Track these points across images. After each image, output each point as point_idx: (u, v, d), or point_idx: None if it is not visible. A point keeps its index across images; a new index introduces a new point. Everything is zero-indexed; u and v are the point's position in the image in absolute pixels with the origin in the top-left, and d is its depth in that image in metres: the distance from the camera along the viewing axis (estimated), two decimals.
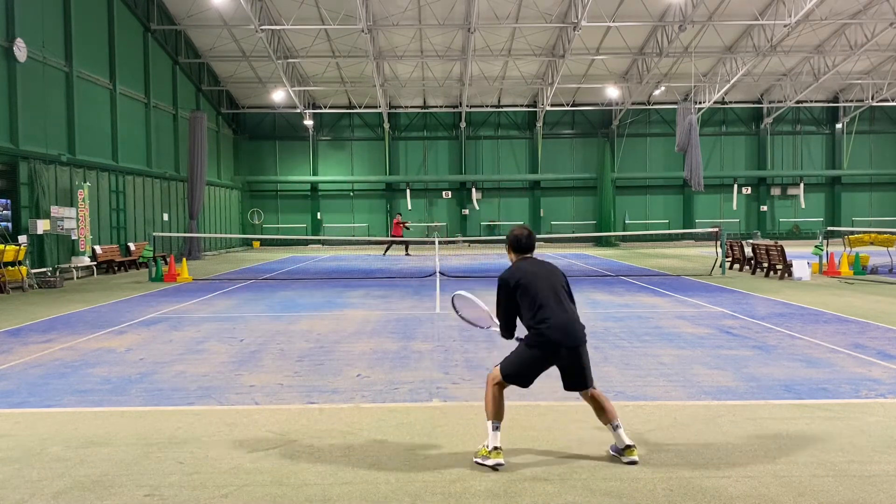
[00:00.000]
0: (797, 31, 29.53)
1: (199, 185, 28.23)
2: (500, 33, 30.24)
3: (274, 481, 4.48)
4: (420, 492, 4.29)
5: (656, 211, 40.39)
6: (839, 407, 6.06)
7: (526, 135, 39.89)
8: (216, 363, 8.12)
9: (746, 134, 40.32)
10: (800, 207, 40.27)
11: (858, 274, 18.09)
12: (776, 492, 4.24)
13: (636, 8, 27.96)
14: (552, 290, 4.78)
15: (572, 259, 27.03)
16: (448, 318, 11.43)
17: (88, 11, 22.22)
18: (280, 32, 29.65)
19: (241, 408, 6.23)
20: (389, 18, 28.15)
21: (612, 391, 6.65)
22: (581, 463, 4.75)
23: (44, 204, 18.72)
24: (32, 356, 8.63)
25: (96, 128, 22.68)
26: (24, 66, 18.40)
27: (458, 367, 7.78)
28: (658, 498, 4.17)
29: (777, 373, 7.35)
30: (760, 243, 19.65)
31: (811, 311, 11.90)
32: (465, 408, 6.13)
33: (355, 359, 8.30)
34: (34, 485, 4.48)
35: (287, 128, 39.24)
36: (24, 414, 6.15)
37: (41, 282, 17.36)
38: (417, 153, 39.79)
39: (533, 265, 4.92)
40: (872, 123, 39.81)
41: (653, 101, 38.53)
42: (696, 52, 31.87)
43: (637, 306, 12.73)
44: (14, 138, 18.07)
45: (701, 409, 6.02)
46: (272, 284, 17.75)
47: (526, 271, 4.83)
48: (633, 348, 8.71)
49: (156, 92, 27.51)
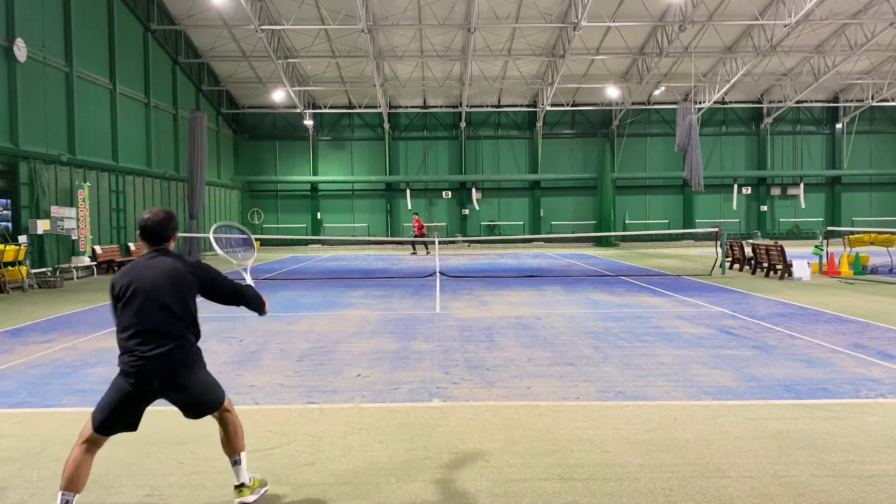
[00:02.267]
0: (797, 31, 29.52)
1: (199, 185, 28.20)
2: (500, 33, 30.24)
3: (274, 481, 4.48)
4: (420, 492, 4.29)
5: (656, 211, 40.38)
6: (839, 407, 6.06)
7: (526, 135, 39.88)
8: (216, 363, 8.11)
9: (746, 134, 40.31)
10: (800, 207, 40.27)
11: (858, 274, 18.08)
12: (776, 492, 4.25)
13: (636, 8, 27.96)
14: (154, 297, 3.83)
15: (572, 259, 27.02)
16: (448, 318, 11.43)
17: (88, 11, 22.22)
18: (280, 32, 29.64)
19: (241, 408, 6.20)
20: (389, 18, 28.15)
21: (612, 391, 6.66)
22: (581, 463, 4.75)
23: (44, 204, 18.72)
24: (32, 356, 8.63)
25: (96, 128, 22.68)
26: (24, 66, 18.40)
27: (458, 367, 7.78)
28: (658, 498, 4.17)
29: (777, 373, 7.35)
30: (760, 243, 19.65)
31: (811, 311, 11.90)
32: (465, 408, 6.12)
33: (355, 359, 8.30)
34: (34, 485, 4.48)
35: (287, 128, 39.24)
36: (24, 414, 6.15)
37: (41, 282, 17.36)
38: (417, 153, 39.79)
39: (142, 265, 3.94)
40: (872, 123, 39.81)
41: (653, 101, 38.53)
42: (696, 52, 31.86)
43: (637, 306, 12.73)
44: (14, 138, 18.07)
45: (701, 409, 6.02)
46: (272, 284, 17.74)
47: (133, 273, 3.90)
48: (633, 348, 8.71)
49: (156, 92, 27.51)
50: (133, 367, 3.77)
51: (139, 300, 3.81)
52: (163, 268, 3.89)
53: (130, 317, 3.81)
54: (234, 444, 4.15)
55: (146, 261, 3.94)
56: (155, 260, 3.94)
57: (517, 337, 9.59)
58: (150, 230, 3.99)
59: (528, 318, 11.31)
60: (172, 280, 3.86)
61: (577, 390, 6.67)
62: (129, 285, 3.84)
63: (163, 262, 3.92)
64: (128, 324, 3.82)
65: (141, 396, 3.84)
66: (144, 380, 3.78)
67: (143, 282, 3.84)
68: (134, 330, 3.79)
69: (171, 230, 4.04)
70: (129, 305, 3.83)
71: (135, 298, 3.82)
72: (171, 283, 3.86)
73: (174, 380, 3.85)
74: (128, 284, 3.85)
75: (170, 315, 3.83)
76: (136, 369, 3.77)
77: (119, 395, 3.81)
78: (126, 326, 3.82)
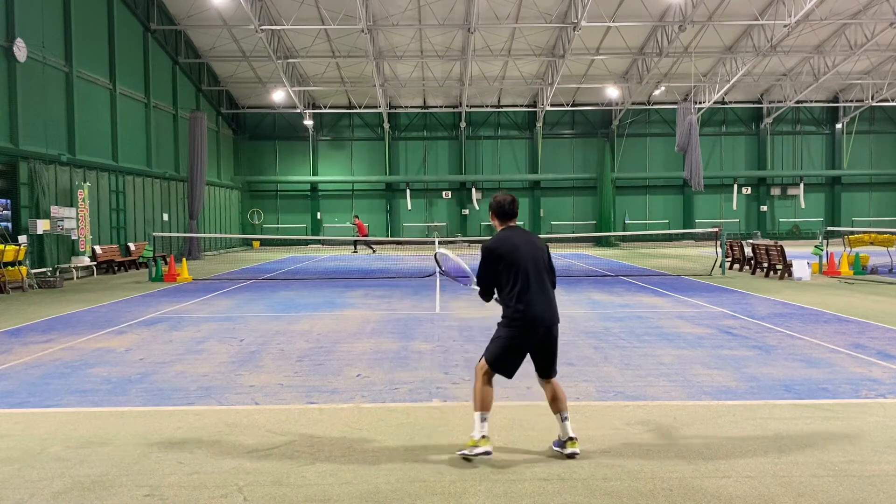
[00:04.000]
0: (797, 31, 29.52)
1: (199, 185, 28.23)
2: (500, 33, 30.24)
3: (274, 481, 4.48)
4: (420, 492, 4.29)
5: (656, 211, 40.39)
6: (839, 407, 6.06)
7: (526, 135, 39.89)
8: (216, 363, 8.11)
9: (746, 134, 40.32)
10: (800, 207, 40.27)
11: (858, 274, 18.08)
12: (776, 492, 4.24)
13: (636, 8, 27.97)
14: (534, 266, 4.85)
15: (572, 259, 27.02)
16: (448, 318, 11.43)
17: (88, 11, 22.22)
18: (280, 32, 29.64)
19: (241, 408, 6.23)
20: (389, 18, 28.15)
21: (612, 391, 6.66)
22: (581, 463, 4.75)
23: (44, 204, 18.72)
24: (32, 356, 8.63)
25: (96, 128, 22.68)
26: (24, 66, 18.40)
27: (458, 367, 7.78)
28: (658, 498, 4.17)
29: (777, 373, 7.35)
30: (760, 243, 19.65)
31: (811, 311, 11.90)
32: (466, 408, 6.12)
33: (355, 359, 8.30)
34: (34, 485, 4.48)
35: (287, 128, 39.24)
36: (24, 414, 6.14)
37: (41, 282, 17.36)
38: (417, 153, 39.80)
39: (517, 236, 4.95)
40: (872, 123, 39.81)
41: (653, 101, 38.53)
42: (696, 52, 31.87)
43: (637, 306, 12.73)
44: (14, 138, 18.07)
45: (701, 409, 6.02)
46: (272, 284, 17.75)
47: (510, 242, 4.88)
48: (633, 348, 8.71)
49: (156, 92, 27.51)
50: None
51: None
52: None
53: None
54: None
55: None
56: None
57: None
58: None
59: None
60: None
61: (576, 390, 6.67)
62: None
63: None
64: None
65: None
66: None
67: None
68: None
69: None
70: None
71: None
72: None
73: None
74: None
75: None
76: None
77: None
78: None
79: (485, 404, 4.78)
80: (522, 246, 4.88)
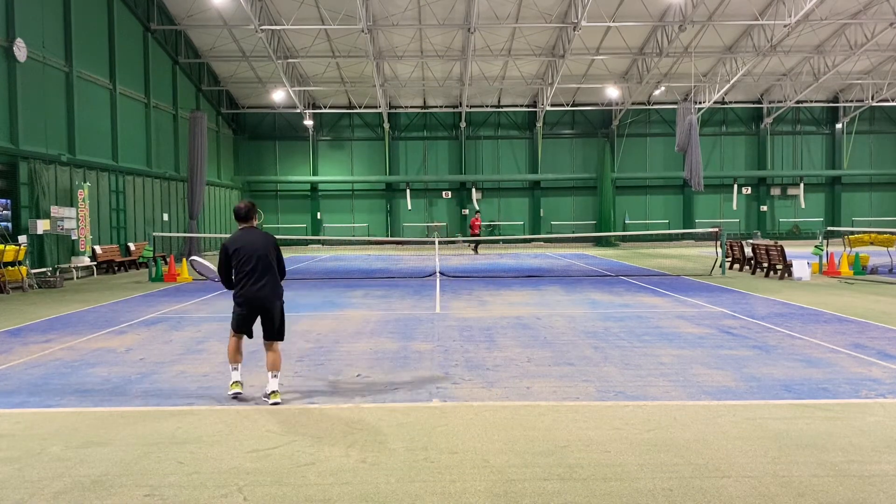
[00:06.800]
0: (797, 31, 29.52)
1: (199, 185, 28.21)
2: (500, 33, 30.23)
3: (274, 481, 4.48)
4: (420, 492, 4.29)
5: (656, 211, 40.37)
6: (839, 407, 6.06)
7: (526, 135, 39.88)
8: (216, 363, 8.11)
9: (746, 134, 40.30)
10: (800, 207, 40.26)
11: (858, 274, 18.08)
12: (776, 492, 4.25)
13: (636, 8, 27.96)
14: (259, 258, 6.30)
15: (572, 259, 27.02)
16: (448, 318, 11.43)
17: (88, 11, 22.22)
18: (280, 32, 29.64)
19: (241, 408, 6.24)
20: (389, 18, 28.14)
21: (612, 391, 6.66)
22: (581, 463, 4.75)
23: (44, 204, 18.72)
24: (32, 356, 8.63)
25: (96, 128, 22.68)
26: (24, 66, 18.40)
27: (458, 367, 7.78)
28: (658, 498, 4.17)
29: (777, 373, 7.35)
30: (760, 243, 19.65)
31: (811, 311, 11.90)
32: (465, 408, 6.13)
33: (355, 359, 8.30)
34: (34, 485, 4.48)
35: (287, 128, 39.23)
36: (24, 414, 6.15)
37: (41, 282, 17.36)
38: (417, 153, 39.79)
39: (248, 234, 6.41)
40: (872, 123, 39.79)
41: (653, 101, 38.52)
42: (696, 52, 31.85)
43: (637, 306, 12.73)
44: (14, 138, 18.06)
45: (701, 409, 6.02)
46: None
47: (242, 240, 6.37)
48: (633, 348, 8.71)
49: (156, 92, 27.50)
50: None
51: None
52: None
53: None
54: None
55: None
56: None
57: (517, 337, 9.60)
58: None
59: (528, 318, 11.31)
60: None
61: (576, 390, 6.67)
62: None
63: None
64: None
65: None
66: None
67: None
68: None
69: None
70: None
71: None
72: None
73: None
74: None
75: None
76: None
77: None
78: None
79: (234, 358, 6.54)
80: (252, 241, 6.35)
